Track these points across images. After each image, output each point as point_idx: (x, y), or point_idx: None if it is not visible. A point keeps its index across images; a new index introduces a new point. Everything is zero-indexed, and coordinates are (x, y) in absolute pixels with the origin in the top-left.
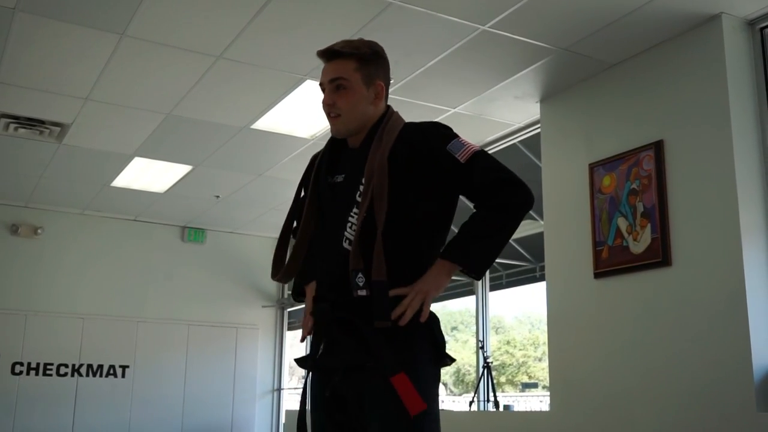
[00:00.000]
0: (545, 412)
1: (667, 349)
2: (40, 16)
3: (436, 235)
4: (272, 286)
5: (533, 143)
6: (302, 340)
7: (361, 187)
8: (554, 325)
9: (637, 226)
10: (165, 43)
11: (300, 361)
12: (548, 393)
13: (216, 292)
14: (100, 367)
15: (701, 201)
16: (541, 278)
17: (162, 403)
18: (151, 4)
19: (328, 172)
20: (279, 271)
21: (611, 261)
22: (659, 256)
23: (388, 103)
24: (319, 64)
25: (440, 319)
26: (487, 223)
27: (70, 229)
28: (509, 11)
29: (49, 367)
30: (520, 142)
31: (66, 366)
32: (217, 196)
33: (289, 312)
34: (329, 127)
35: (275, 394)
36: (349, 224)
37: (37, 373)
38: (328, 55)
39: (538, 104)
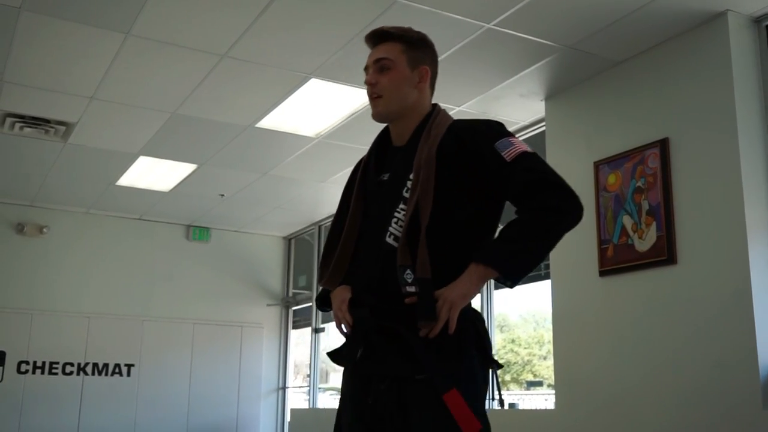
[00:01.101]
0: (550, 410)
1: (672, 347)
2: (45, 15)
3: (480, 239)
4: (277, 284)
5: (538, 141)
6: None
7: (409, 183)
8: (559, 323)
9: (642, 224)
10: (170, 42)
11: (334, 357)
12: (553, 391)
13: (221, 290)
14: (106, 365)
15: (706, 199)
16: (546, 276)
17: (167, 402)
18: (156, 3)
19: (376, 171)
20: (325, 274)
21: (616, 259)
22: (664, 254)
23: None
24: (324, 63)
25: None
26: (528, 226)
27: (75, 228)
28: (514, 9)
29: (54, 365)
30: (525, 140)
31: (71, 365)
32: (222, 195)
33: (294, 310)
34: (370, 110)
35: (280, 392)
36: (394, 219)
37: (42, 372)
38: (376, 37)
39: (543, 102)
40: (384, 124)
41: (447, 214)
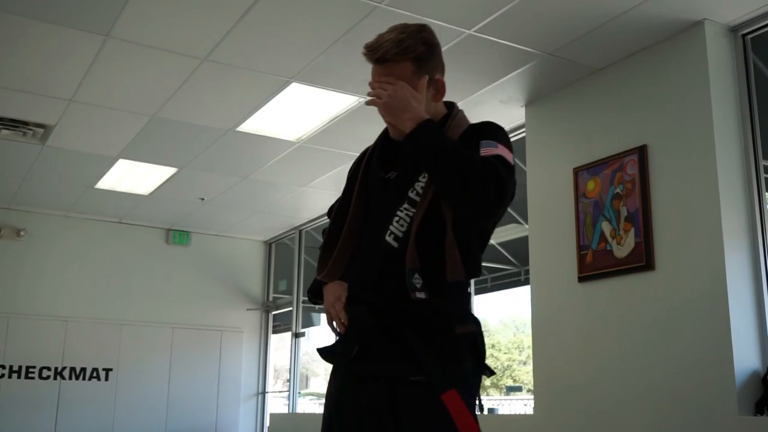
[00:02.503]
0: (529, 415)
1: (650, 352)
2: (24, 17)
3: (483, 236)
4: (257, 289)
5: (518, 147)
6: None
7: (417, 184)
8: (539, 328)
9: (620, 231)
10: (150, 44)
11: (325, 354)
12: (533, 396)
13: (200, 294)
14: (83, 370)
15: (684, 205)
16: (526, 282)
17: (146, 407)
18: (136, 5)
19: (381, 168)
20: (324, 268)
21: (595, 265)
22: (642, 260)
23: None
24: (305, 68)
25: None
26: (469, 161)
27: (53, 231)
28: (494, 15)
29: (31, 370)
30: None
31: (49, 369)
32: (202, 199)
33: (274, 315)
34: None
35: (260, 397)
36: (396, 218)
37: (19, 376)
38: (379, 58)
39: (523, 108)
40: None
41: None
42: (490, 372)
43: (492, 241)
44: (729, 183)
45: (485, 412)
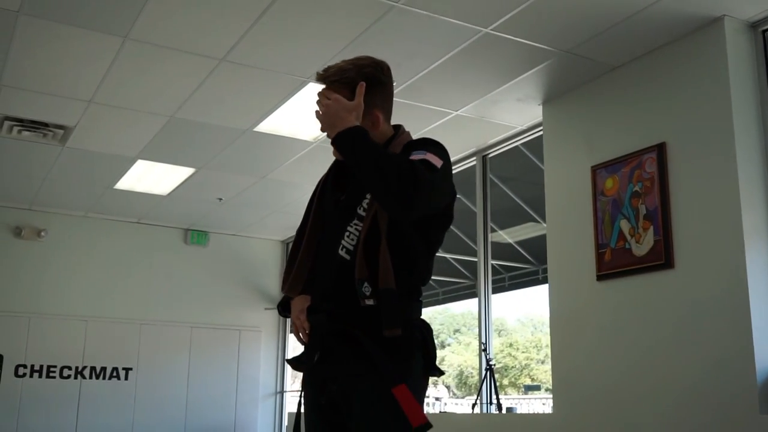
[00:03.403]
0: (548, 414)
1: (670, 351)
2: (44, 19)
3: (431, 239)
4: (275, 288)
5: (536, 146)
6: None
7: (365, 202)
8: (557, 327)
9: (639, 229)
10: (168, 45)
11: (293, 363)
12: (551, 395)
13: (219, 294)
14: (103, 369)
15: (704, 203)
16: (544, 281)
17: (165, 406)
18: (155, 6)
19: (335, 189)
20: (285, 283)
21: (614, 263)
22: (662, 258)
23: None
24: (322, 67)
25: (444, 322)
26: (388, 156)
27: (73, 231)
28: (511, 14)
29: (52, 369)
30: (522, 144)
31: (69, 368)
32: (220, 199)
33: None
34: None
35: (278, 396)
36: (347, 233)
37: (40, 376)
38: (324, 82)
39: (541, 107)
40: None
41: (398, 228)
42: (439, 372)
43: (509, 240)
44: (749, 180)
45: (504, 411)
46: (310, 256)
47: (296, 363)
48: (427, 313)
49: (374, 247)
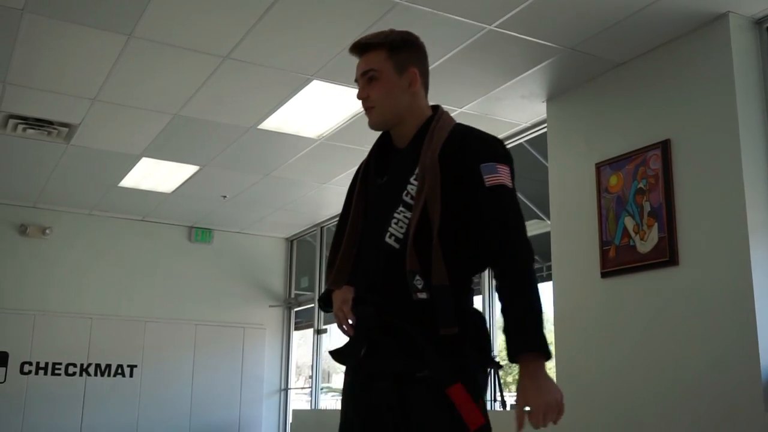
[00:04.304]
0: None
1: (674, 349)
2: (48, 18)
3: (475, 244)
4: (279, 286)
5: (540, 143)
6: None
7: (409, 187)
8: (561, 324)
9: (644, 226)
10: (172, 43)
11: (336, 356)
12: None
13: (223, 292)
14: (108, 366)
15: (708, 200)
16: (548, 278)
17: (169, 403)
18: (159, 4)
19: (377, 174)
20: (330, 275)
21: (618, 260)
22: (666, 255)
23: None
24: (325, 65)
25: None
26: (519, 294)
27: (77, 229)
28: (515, 11)
29: (57, 366)
30: (526, 141)
31: (74, 365)
32: (224, 196)
33: (296, 312)
34: (366, 120)
35: (282, 394)
36: (394, 220)
37: (45, 373)
38: (359, 49)
39: (545, 104)
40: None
41: (452, 220)
42: (497, 366)
43: None
44: (754, 177)
45: (508, 408)
46: (354, 245)
47: (340, 356)
48: None
49: (424, 239)
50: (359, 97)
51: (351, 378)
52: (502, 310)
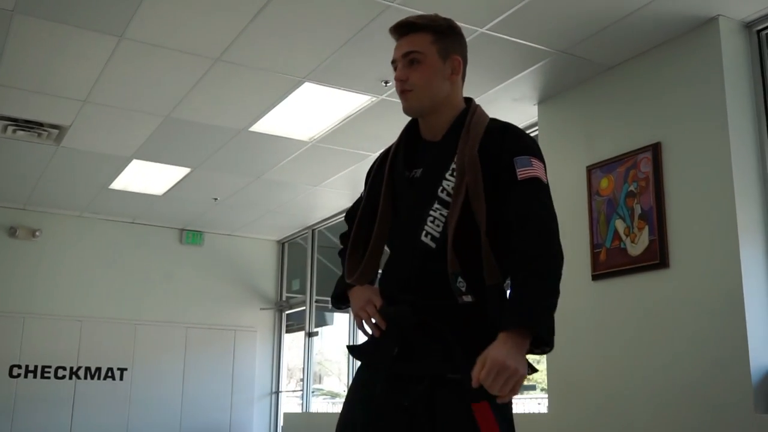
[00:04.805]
0: (543, 413)
1: (665, 350)
2: (39, 18)
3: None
4: (270, 288)
5: None
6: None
7: (445, 183)
8: None
9: (634, 228)
10: (163, 45)
11: (358, 353)
12: (546, 395)
13: (214, 294)
14: (98, 369)
15: (699, 203)
16: None
17: (160, 406)
18: (150, 6)
19: (405, 166)
20: (356, 271)
21: (609, 263)
22: (657, 258)
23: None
24: (317, 67)
25: None
26: (534, 279)
27: (68, 231)
28: (507, 14)
29: (47, 369)
30: None
31: (64, 368)
32: (215, 199)
33: (287, 314)
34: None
35: (273, 396)
36: (430, 218)
37: (35, 376)
38: (402, 29)
39: (536, 106)
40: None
41: (493, 216)
42: (532, 369)
43: None
44: (744, 180)
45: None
46: (384, 240)
47: (360, 353)
48: None
49: (465, 239)
50: (398, 78)
51: (370, 376)
52: (512, 287)
